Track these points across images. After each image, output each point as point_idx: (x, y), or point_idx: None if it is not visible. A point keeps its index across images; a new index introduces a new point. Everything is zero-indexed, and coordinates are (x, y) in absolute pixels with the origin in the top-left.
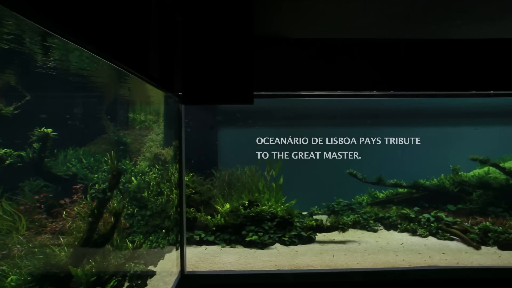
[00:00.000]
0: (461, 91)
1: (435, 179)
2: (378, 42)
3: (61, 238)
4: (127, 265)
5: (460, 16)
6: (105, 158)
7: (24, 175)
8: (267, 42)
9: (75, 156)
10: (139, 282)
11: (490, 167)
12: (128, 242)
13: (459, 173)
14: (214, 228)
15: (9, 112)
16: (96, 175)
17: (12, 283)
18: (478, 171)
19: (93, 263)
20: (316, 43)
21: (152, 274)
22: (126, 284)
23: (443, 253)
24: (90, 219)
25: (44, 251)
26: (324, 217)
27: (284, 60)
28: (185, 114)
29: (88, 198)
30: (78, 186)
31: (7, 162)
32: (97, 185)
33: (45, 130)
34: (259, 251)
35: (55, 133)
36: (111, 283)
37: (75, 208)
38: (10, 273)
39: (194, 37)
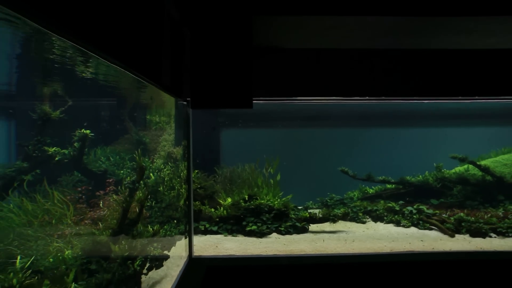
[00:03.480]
0: (448, 96)
1: (420, 175)
2: (367, 52)
3: (99, 224)
4: (148, 248)
5: (437, 30)
6: (133, 155)
7: (67, 170)
8: (265, 52)
9: (103, 154)
10: (157, 263)
11: (470, 165)
12: (150, 227)
13: (442, 170)
14: (217, 219)
15: (56, 116)
16: (122, 171)
17: (69, 256)
18: (459, 169)
19: (124, 243)
20: (309, 52)
21: (166, 257)
22: (148, 264)
23: (422, 241)
24: (124, 205)
25: (89, 233)
26: (318, 211)
27: (280, 68)
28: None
29: (123, 188)
30: (110, 180)
31: (57, 158)
32: (128, 177)
33: (84, 131)
34: (258, 239)
35: (92, 134)
36: (137, 262)
37: (113, 196)
38: (65, 249)
39: (200, 49)
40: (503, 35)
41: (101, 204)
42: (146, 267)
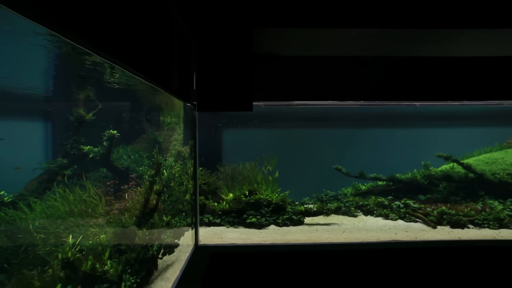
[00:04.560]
0: (437, 101)
1: (409, 173)
2: (358, 59)
3: (125, 213)
4: (162, 236)
5: (422, 38)
6: (150, 153)
7: (97, 166)
8: (264, 59)
9: (125, 153)
10: (169, 249)
11: (455, 163)
12: (164, 217)
13: (429, 168)
14: (220, 213)
15: (89, 118)
16: (141, 168)
17: (104, 239)
18: (446, 167)
19: (145, 230)
20: (305, 59)
21: (176, 245)
22: (162, 250)
23: (406, 231)
24: (145, 196)
25: (117, 220)
26: (313, 205)
27: (278, 74)
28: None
29: (144, 182)
30: (132, 176)
31: (90, 156)
32: (149, 171)
33: (111, 131)
34: (257, 230)
35: (119, 134)
36: (154, 247)
37: (138, 188)
38: (100, 234)
39: (205, 58)
40: (488, 45)
41: (126, 196)
42: (161, 253)
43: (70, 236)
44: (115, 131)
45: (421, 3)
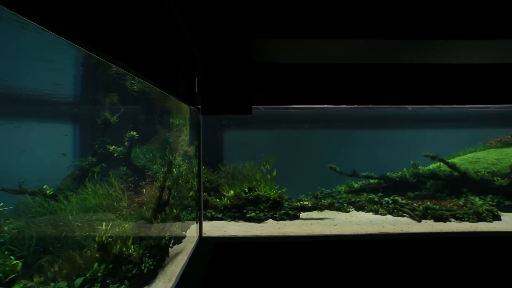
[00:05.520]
0: (428, 104)
1: (399, 172)
2: (350, 66)
3: (144, 206)
4: (172, 229)
5: (415, 48)
6: (163, 152)
7: (119, 165)
8: (262, 67)
9: (141, 152)
10: (178, 240)
11: (441, 162)
12: (174, 210)
13: (418, 167)
14: (222, 208)
15: (114, 120)
16: (155, 166)
17: (127, 228)
18: (433, 166)
19: (159, 221)
20: (300, 66)
21: (183, 236)
22: (172, 240)
23: (393, 225)
24: (159, 191)
25: (137, 212)
26: (308, 201)
27: (275, 80)
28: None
29: (159, 178)
30: (148, 173)
31: (115, 155)
32: (163, 168)
33: (132, 133)
34: (256, 224)
35: (138, 135)
36: (166, 237)
37: (154, 183)
38: (124, 223)
39: (209, 66)
40: (471, 54)
41: (144, 191)
42: (171, 242)
43: (103, 223)
44: (134, 133)
45: (407, 17)
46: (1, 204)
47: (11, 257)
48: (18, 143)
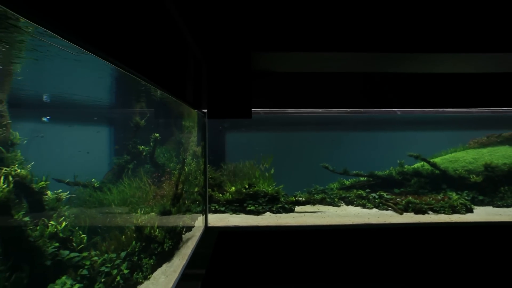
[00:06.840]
0: (414, 108)
1: (386, 170)
2: (342, 75)
3: (164, 198)
4: (183, 219)
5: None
6: (178, 152)
7: (145, 163)
8: (261, 75)
9: (161, 152)
10: (188, 228)
11: (425, 162)
12: (186, 202)
13: (403, 166)
14: (224, 202)
15: (142, 124)
16: (171, 164)
17: (153, 215)
18: (417, 165)
19: (175, 211)
20: (295, 75)
21: (192, 226)
22: (184, 228)
23: (378, 217)
24: (175, 186)
25: (160, 203)
26: (302, 197)
27: (273, 87)
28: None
29: (175, 174)
30: (167, 170)
31: (144, 154)
32: (178, 166)
33: (156, 135)
34: (255, 216)
35: (160, 137)
36: (180, 225)
37: (173, 178)
38: (150, 211)
39: (214, 75)
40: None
41: (164, 186)
42: (184, 230)
43: (139, 210)
44: (157, 134)
45: (391, 32)
46: (68, 192)
47: (80, 232)
48: (73, 143)
